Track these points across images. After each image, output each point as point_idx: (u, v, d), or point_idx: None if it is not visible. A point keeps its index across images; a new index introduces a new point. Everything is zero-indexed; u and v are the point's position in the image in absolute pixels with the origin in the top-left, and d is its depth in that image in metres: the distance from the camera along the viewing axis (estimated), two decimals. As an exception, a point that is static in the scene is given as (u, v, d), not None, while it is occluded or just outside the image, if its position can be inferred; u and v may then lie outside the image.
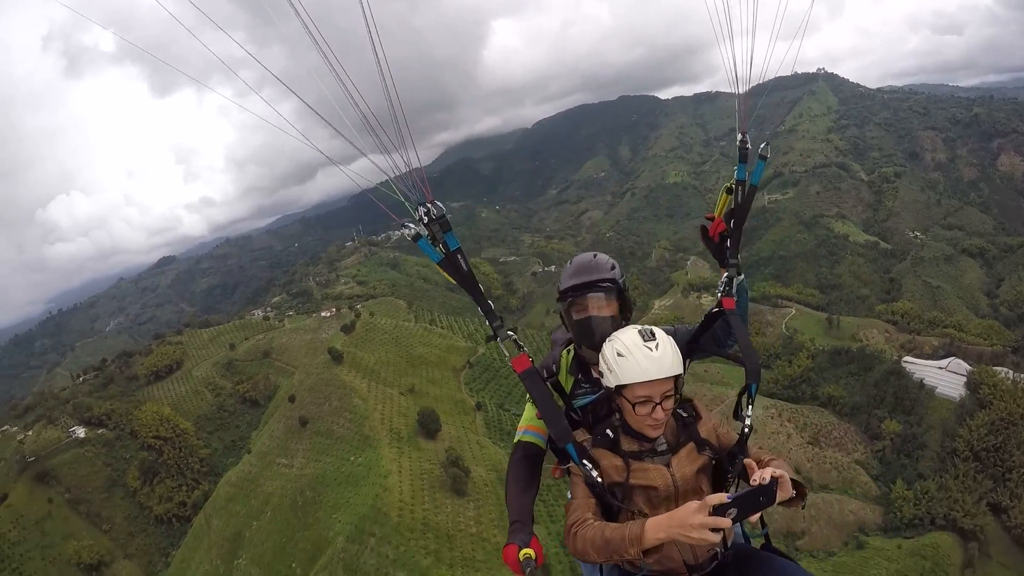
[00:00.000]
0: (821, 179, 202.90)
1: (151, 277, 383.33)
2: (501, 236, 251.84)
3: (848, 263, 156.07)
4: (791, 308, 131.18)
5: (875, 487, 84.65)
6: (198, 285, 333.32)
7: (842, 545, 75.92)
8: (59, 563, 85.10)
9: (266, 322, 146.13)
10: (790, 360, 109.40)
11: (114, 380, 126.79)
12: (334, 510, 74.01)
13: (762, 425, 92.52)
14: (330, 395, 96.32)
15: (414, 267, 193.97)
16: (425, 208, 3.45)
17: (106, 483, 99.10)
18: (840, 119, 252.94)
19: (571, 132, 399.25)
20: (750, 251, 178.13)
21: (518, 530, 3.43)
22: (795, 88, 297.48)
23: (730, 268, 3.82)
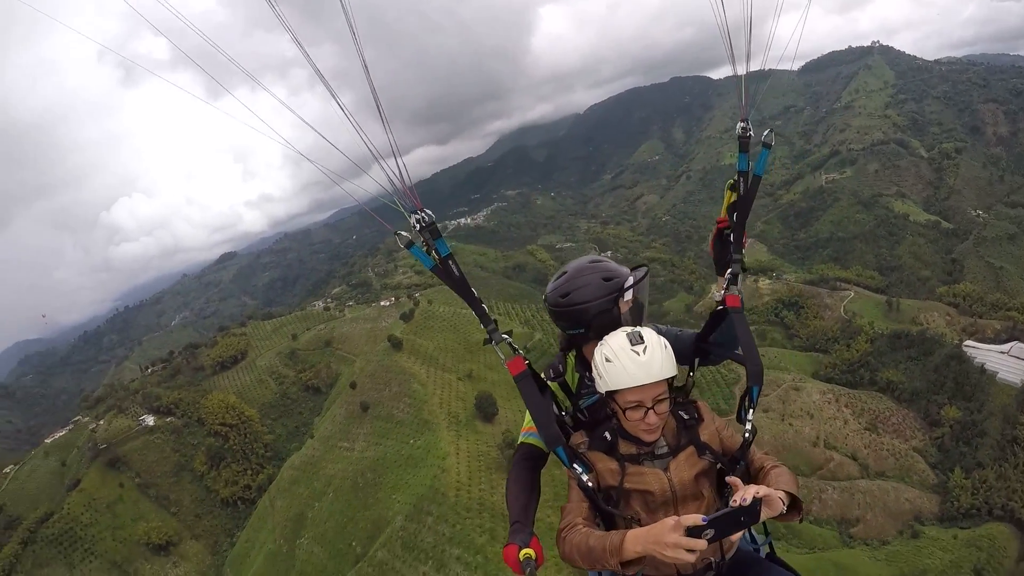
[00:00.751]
0: (879, 157, 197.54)
1: (213, 273, 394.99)
2: (557, 223, 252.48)
3: (908, 244, 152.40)
4: (850, 291, 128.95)
5: (932, 475, 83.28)
6: (259, 279, 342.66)
7: (897, 534, 74.85)
8: (129, 543, 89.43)
9: (327, 312, 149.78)
10: (848, 344, 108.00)
11: (181, 371, 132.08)
12: (393, 491, 76.31)
13: (819, 410, 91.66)
14: (390, 381, 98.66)
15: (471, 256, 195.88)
16: (418, 216, 3.42)
17: (174, 468, 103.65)
18: (897, 93, 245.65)
19: (624, 116, 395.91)
20: (808, 233, 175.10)
21: (518, 530, 3.38)
22: (850, 63, 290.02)
23: (734, 264, 3.68)
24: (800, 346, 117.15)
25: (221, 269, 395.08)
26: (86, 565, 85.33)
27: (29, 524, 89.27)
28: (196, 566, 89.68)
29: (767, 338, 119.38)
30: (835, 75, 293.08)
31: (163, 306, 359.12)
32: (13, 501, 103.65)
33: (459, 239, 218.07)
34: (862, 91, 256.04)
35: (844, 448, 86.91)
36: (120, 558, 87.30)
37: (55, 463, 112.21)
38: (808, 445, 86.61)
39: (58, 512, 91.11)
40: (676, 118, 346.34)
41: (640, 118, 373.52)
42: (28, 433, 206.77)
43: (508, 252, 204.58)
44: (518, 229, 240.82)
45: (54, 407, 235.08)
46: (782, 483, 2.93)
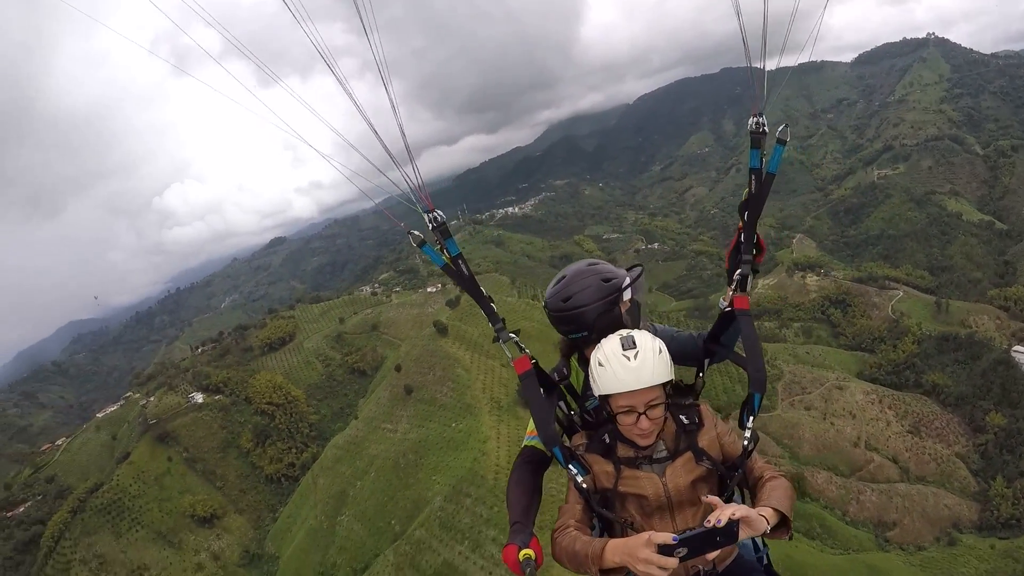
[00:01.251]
0: (933, 153, 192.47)
1: (263, 257, 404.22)
2: (605, 213, 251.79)
3: (960, 244, 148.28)
4: (899, 290, 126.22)
5: (974, 482, 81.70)
6: (308, 264, 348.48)
7: (933, 540, 73.88)
8: (175, 515, 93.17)
9: (374, 297, 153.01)
10: (895, 345, 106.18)
11: (230, 351, 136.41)
12: (434, 472, 78.27)
13: (862, 410, 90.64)
14: (434, 365, 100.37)
15: (518, 245, 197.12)
16: (431, 216, 3.47)
17: (221, 444, 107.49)
18: (953, 88, 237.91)
19: (674, 107, 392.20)
20: (858, 230, 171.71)
21: (519, 531, 3.37)
22: (904, 55, 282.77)
23: (744, 265, 3.58)
24: (845, 345, 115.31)
25: (271, 253, 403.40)
26: (132, 534, 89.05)
27: (79, 494, 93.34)
28: (239, 539, 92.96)
29: (812, 335, 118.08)
30: (889, 67, 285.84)
31: (213, 288, 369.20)
32: (64, 472, 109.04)
33: (506, 228, 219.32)
34: (916, 84, 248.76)
35: (885, 450, 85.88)
36: (165, 528, 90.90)
37: (106, 437, 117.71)
38: (849, 445, 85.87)
39: (107, 483, 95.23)
40: (727, 109, 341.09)
41: (690, 109, 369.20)
42: (80, 408, 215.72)
43: (555, 242, 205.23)
44: (565, 219, 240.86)
45: (105, 384, 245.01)
46: (773, 499, 2.91)
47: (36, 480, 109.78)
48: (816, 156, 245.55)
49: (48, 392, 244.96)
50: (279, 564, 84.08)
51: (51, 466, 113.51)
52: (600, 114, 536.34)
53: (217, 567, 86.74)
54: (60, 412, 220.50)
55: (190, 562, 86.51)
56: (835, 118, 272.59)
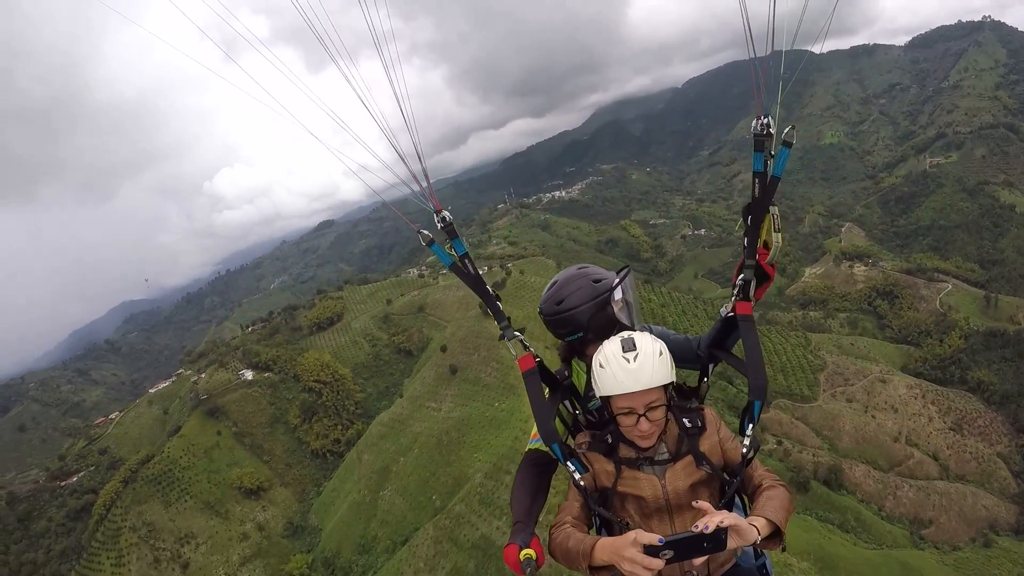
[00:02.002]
0: (987, 141, 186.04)
1: (312, 239, 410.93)
2: (652, 198, 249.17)
3: (1013, 237, 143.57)
4: (947, 283, 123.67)
5: (1015, 484, 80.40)
6: (356, 246, 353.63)
7: (969, 541, 72.88)
8: (223, 486, 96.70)
9: (421, 279, 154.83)
10: (941, 339, 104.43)
11: (279, 330, 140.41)
12: (475, 450, 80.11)
13: (904, 405, 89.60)
14: (479, 346, 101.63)
15: (564, 229, 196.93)
16: (439, 217, 3.59)
17: (269, 420, 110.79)
18: (1009, 74, 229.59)
19: (723, 91, 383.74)
20: (908, 219, 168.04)
21: (520, 530, 3.41)
22: (959, 39, 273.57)
23: (746, 270, 3.55)
24: (891, 337, 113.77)
25: (319, 236, 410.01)
26: (181, 504, 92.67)
27: (131, 464, 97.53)
28: (283, 511, 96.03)
29: (858, 327, 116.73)
30: (943, 51, 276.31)
31: (263, 271, 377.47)
32: (117, 444, 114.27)
33: (553, 212, 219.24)
34: (971, 70, 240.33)
35: (926, 446, 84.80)
36: (213, 499, 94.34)
37: (158, 411, 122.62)
38: (889, 440, 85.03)
39: (159, 455, 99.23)
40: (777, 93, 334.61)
41: (739, 93, 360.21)
42: (131, 385, 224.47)
43: (601, 226, 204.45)
44: (612, 204, 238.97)
45: (156, 362, 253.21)
46: (768, 509, 2.89)
47: (89, 452, 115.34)
48: (867, 142, 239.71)
49: (101, 369, 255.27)
50: (321, 536, 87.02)
51: (104, 439, 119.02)
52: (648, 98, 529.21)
53: (262, 537, 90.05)
54: (112, 389, 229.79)
55: (236, 532, 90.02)
56: (887, 103, 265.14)
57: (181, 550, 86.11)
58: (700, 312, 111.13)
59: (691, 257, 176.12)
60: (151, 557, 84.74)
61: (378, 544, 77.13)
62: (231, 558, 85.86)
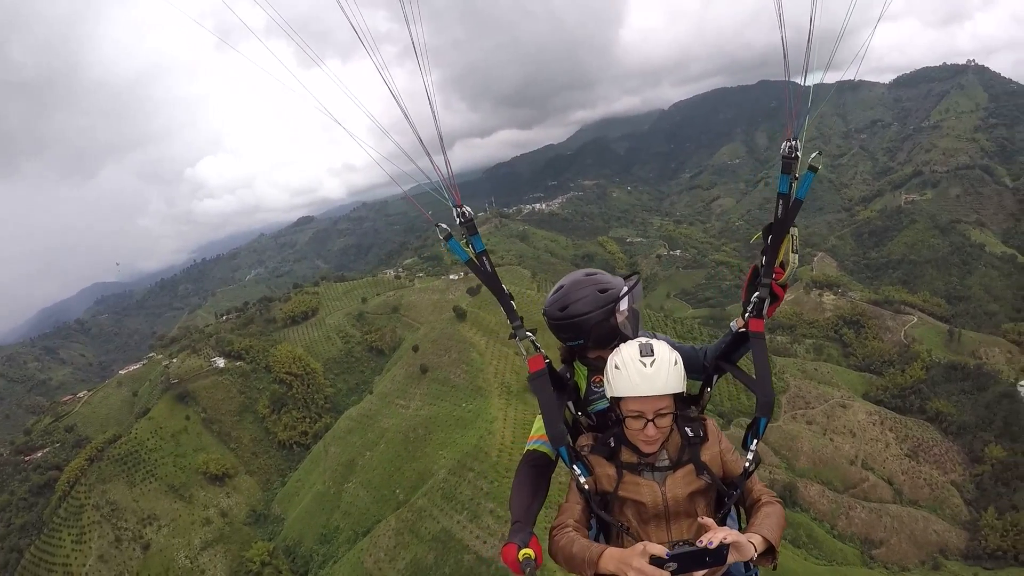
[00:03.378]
0: (963, 181, 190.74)
1: (290, 234, 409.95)
2: (631, 217, 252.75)
3: (980, 275, 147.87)
4: (913, 316, 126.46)
5: (966, 511, 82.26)
6: (334, 244, 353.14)
7: (919, 563, 74.52)
8: (188, 471, 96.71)
9: (397, 280, 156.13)
10: (903, 369, 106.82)
11: (254, 321, 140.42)
12: (440, 447, 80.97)
13: (862, 430, 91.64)
14: (451, 348, 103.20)
15: (542, 241, 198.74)
16: (459, 211, 3.56)
17: (238, 408, 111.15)
18: (988, 117, 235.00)
19: (708, 116, 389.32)
20: (880, 252, 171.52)
21: (518, 530, 3.39)
22: (942, 80, 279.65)
23: (761, 288, 3.62)
24: (855, 365, 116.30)
25: (298, 231, 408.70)
26: (146, 485, 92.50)
27: (98, 443, 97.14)
28: (247, 499, 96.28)
29: (823, 353, 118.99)
30: (927, 92, 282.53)
31: (239, 261, 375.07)
32: (84, 423, 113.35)
33: (532, 224, 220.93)
34: (952, 111, 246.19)
35: (881, 471, 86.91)
36: (178, 483, 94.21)
37: (127, 393, 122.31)
38: (845, 462, 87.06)
39: (126, 435, 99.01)
40: (761, 122, 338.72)
41: (725, 119, 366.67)
42: (99, 367, 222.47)
43: (579, 241, 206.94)
44: (591, 219, 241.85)
45: (126, 345, 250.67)
46: (764, 527, 2.94)
47: (56, 428, 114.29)
48: (846, 176, 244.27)
49: (69, 349, 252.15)
50: (284, 525, 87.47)
51: (71, 416, 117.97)
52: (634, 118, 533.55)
53: (224, 523, 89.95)
54: (79, 369, 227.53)
55: (199, 516, 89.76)
56: (868, 139, 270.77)
57: (143, 531, 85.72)
58: (670, 330, 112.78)
59: (664, 277, 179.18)
60: (112, 536, 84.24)
61: (340, 535, 77.84)
62: (192, 542, 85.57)
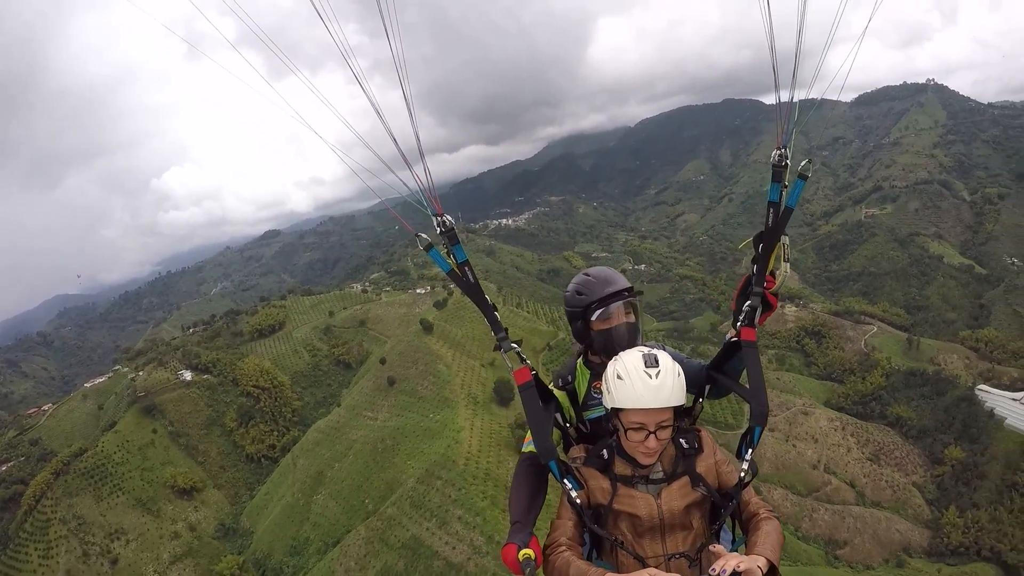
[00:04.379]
0: (921, 196, 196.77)
1: (256, 248, 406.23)
2: (596, 232, 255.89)
3: (938, 285, 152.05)
4: (873, 325, 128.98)
5: (928, 511, 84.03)
6: (300, 258, 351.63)
7: (882, 562, 75.95)
8: (156, 484, 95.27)
9: (364, 294, 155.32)
10: (864, 377, 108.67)
11: (221, 334, 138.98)
12: (408, 457, 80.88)
13: (824, 436, 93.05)
14: (418, 360, 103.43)
15: (508, 256, 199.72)
16: (439, 220, 3.51)
17: (206, 421, 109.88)
18: (947, 134, 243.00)
19: (674, 133, 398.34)
20: (840, 265, 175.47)
21: (518, 530, 3.38)
22: (903, 99, 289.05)
23: (753, 297, 3.61)
24: (817, 374, 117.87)
25: (264, 245, 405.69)
26: (113, 499, 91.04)
27: (64, 457, 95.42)
28: (215, 512, 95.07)
29: (785, 363, 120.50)
30: (887, 110, 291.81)
31: (204, 275, 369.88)
32: (48, 436, 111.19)
33: (499, 239, 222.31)
34: (912, 128, 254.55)
35: (843, 474, 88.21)
36: (146, 496, 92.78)
37: (92, 406, 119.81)
38: (808, 467, 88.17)
39: (92, 449, 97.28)
40: (725, 140, 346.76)
41: (689, 137, 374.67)
42: (62, 381, 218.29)
43: (545, 256, 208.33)
44: (557, 235, 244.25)
45: (89, 359, 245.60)
46: (767, 547, 2.89)
47: (20, 442, 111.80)
48: (808, 191, 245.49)
49: (31, 362, 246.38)
50: (253, 538, 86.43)
51: (36, 429, 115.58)
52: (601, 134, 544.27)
53: (193, 537, 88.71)
54: (42, 383, 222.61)
55: (167, 530, 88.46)
56: (830, 155, 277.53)
57: (111, 545, 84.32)
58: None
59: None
60: (80, 551, 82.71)
61: (310, 546, 77.26)
62: (161, 556, 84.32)
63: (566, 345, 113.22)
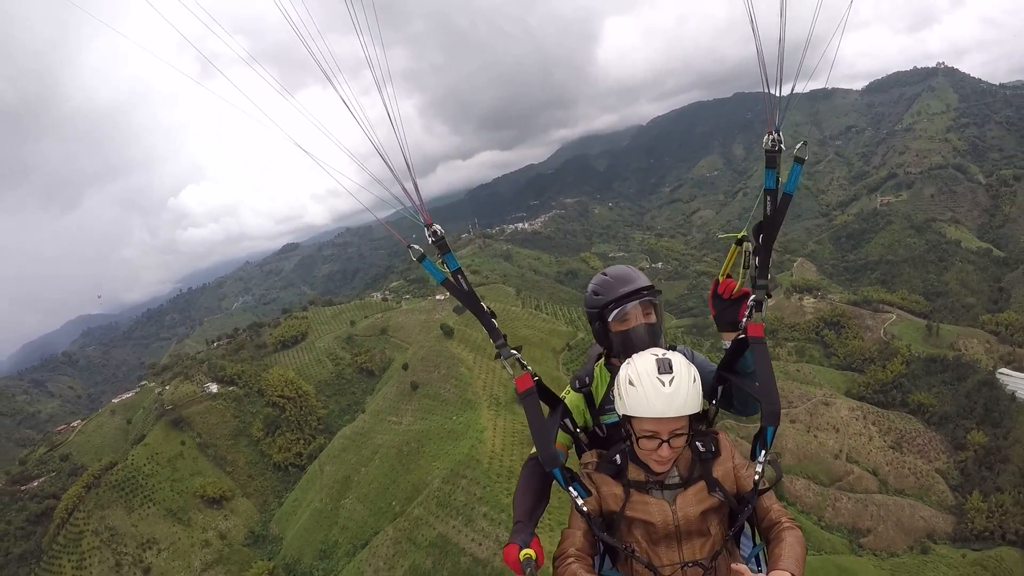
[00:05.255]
0: (936, 181, 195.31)
1: (276, 262, 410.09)
2: (612, 232, 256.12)
3: (957, 270, 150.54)
4: (892, 314, 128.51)
5: (952, 497, 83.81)
6: (320, 270, 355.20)
7: (907, 548, 75.93)
8: (186, 495, 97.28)
9: (384, 303, 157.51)
10: (884, 365, 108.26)
11: (244, 347, 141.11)
12: (433, 459, 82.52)
13: (846, 425, 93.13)
14: (440, 364, 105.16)
15: (526, 259, 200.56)
16: (430, 231, 3.48)
17: (233, 432, 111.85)
18: (960, 117, 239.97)
19: (686, 130, 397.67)
20: (858, 255, 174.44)
21: (520, 530, 3.34)
22: (913, 84, 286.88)
23: (757, 291, 3.44)
24: (836, 364, 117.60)
25: (283, 259, 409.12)
26: (144, 510, 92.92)
27: (94, 471, 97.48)
28: (245, 520, 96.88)
29: (805, 354, 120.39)
30: (898, 96, 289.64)
31: (225, 290, 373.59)
32: (79, 451, 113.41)
33: (516, 243, 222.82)
34: (924, 113, 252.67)
35: (866, 463, 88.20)
36: (176, 507, 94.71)
37: (121, 421, 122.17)
38: (830, 457, 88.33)
39: (122, 462, 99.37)
40: (737, 134, 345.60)
41: (702, 132, 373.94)
42: (87, 399, 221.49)
43: (562, 258, 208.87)
44: (574, 237, 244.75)
45: (114, 377, 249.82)
46: (790, 561, 2.79)
47: (51, 458, 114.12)
48: (823, 182, 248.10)
49: (57, 382, 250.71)
50: (282, 544, 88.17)
51: (66, 445, 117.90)
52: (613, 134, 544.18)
53: (223, 545, 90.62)
54: (68, 402, 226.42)
55: (198, 539, 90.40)
56: (843, 145, 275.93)
57: (143, 555, 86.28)
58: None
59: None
60: (113, 561, 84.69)
61: (339, 549, 78.87)
62: (192, 564, 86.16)
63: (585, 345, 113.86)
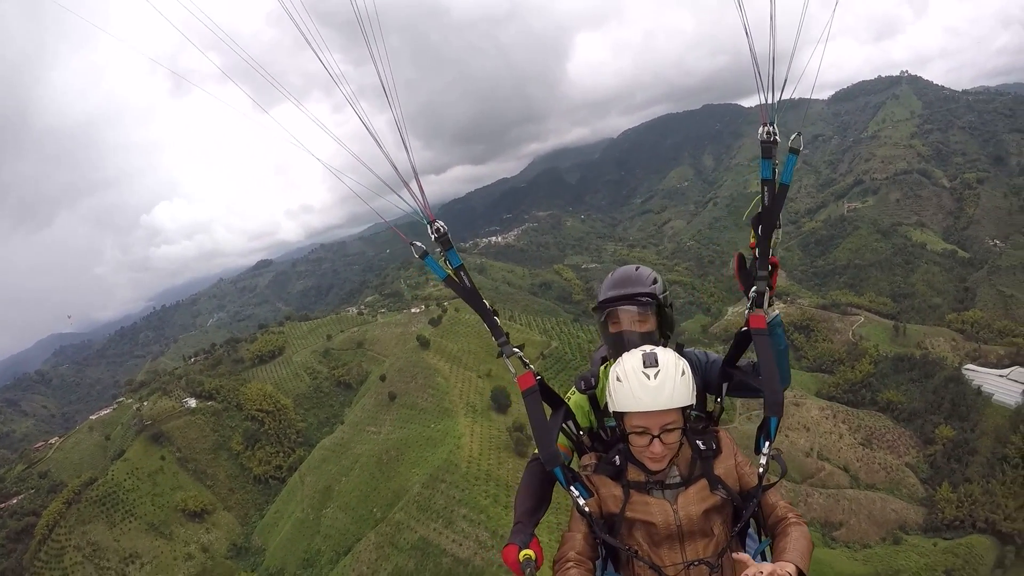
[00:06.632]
0: (902, 186, 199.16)
1: (249, 278, 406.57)
2: (585, 244, 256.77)
3: (923, 272, 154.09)
4: (860, 316, 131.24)
5: (922, 489, 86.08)
6: (294, 286, 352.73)
7: (879, 540, 77.95)
8: (167, 509, 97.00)
9: (360, 317, 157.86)
10: (853, 366, 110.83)
11: (222, 362, 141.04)
12: (413, 466, 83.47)
13: (816, 424, 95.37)
14: (416, 375, 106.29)
15: (499, 272, 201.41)
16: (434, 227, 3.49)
17: (212, 446, 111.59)
18: (923, 123, 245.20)
19: (656, 142, 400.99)
20: (826, 260, 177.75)
21: (519, 531, 3.31)
22: (878, 92, 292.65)
23: (758, 282, 3.46)
24: (807, 367, 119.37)
25: (257, 275, 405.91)
26: (126, 524, 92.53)
27: (75, 486, 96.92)
28: (226, 533, 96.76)
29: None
30: (864, 104, 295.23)
31: (199, 307, 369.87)
32: (58, 469, 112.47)
33: (489, 256, 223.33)
34: (888, 121, 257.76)
35: (837, 460, 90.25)
36: (157, 521, 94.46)
37: (99, 437, 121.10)
38: (801, 455, 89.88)
39: (102, 478, 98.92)
40: (707, 145, 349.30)
41: (672, 144, 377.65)
42: (62, 418, 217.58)
43: (536, 270, 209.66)
44: (547, 249, 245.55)
45: (88, 395, 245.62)
46: (796, 554, 2.77)
47: (29, 475, 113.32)
48: (791, 190, 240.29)
49: (31, 401, 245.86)
50: (265, 555, 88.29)
51: (44, 462, 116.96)
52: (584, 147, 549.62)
53: (205, 558, 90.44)
54: (43, 420, 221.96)
55: (180, 552, 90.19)
56: (810, 154, 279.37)
57: (126, 569, 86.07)
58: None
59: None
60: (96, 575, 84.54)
61: (322, 557, 79.10)
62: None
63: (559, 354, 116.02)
